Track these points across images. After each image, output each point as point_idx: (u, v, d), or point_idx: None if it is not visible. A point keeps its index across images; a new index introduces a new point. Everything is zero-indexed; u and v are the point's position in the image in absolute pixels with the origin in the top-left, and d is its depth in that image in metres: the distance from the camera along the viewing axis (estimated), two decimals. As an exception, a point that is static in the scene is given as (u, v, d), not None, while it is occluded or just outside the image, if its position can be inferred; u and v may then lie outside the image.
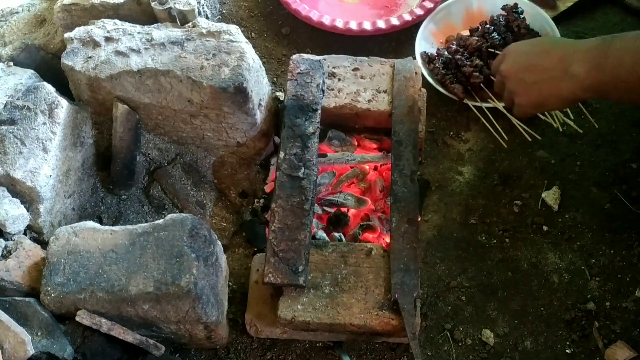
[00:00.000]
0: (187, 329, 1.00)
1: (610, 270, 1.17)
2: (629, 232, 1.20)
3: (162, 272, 0.93)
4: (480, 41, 1.32)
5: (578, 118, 1.29)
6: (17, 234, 1.03)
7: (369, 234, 1.19)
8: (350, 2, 1.57)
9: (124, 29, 1.17)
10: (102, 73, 1.12)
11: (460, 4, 1.45)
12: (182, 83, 1.11)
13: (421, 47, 1.40)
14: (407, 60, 1.24)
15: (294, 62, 1.23)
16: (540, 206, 1.24)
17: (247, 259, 1.21)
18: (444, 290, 1.17)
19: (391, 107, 1.19)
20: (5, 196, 1.02)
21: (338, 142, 1.26)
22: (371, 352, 1.12)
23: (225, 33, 1.15)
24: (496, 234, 1.22)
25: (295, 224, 1.06)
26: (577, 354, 1.10)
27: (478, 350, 1.12)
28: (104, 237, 0.98)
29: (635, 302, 1.13)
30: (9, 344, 0.89)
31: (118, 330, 0.96)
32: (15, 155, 1.04)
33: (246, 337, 1.13)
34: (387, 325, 1.00)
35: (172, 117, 1.19)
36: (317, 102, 1.18)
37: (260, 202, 1.27)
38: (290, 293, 1.02)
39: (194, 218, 1.00)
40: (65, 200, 1.13)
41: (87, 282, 0.93)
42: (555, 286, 1.16)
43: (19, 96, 1.10)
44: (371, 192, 1.26)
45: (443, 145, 1.32)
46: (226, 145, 1.25)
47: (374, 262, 1.05)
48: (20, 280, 0.97)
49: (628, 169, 1.26)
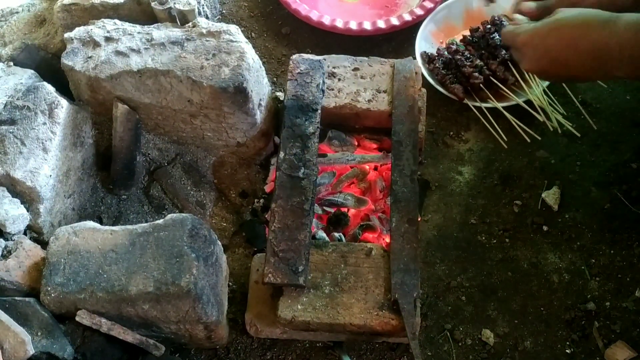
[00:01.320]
0: (187, 329, 1.00)
1: (610, 270, 1.17)
2: (629, 232, 1.20)
3: (162, 272, 0.93)
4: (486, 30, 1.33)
5: (577, 119, 1.29)
6: (17, 234, 1.03)
7: (369, 234, 1.19)
8: (350, 2, 1.57)
9: (124, 29, 1.17)
10: (102, 73, 1.12)
11: (460, 4, 1.45)
12: (182, 83, 1.12)
13: (421, 47, 1.40)
14: (407, 60, 1.24)
15: (294, 62, 1.23)
16: (540, 206, 1.24)
17: (247, 259, 1.21)
18: (444, 290, 1.17)
19: (391, 107, 1.19)
20: (5, 196, 1.02)
21: (338, 142, 1.26)
22: (371, 352, 1.12)
23: (225, 33, 1.15)
24: (496, 234, 1.22)
25: (295, 224, 1.06)
26: (577, 354, 1.10)
27: (478, 350, 1.12)
28: (104, 237, 0.98)
29: (635, 302, 1.13)
30: (9, 344, 0.89)
31: (118, 330, 0.96)
32: (15, 155, 1.04)
33: (246, 337, 1.13)
34: (387, 325, 1.00)
35: (172, 117, 1.19)
36: (317, 102, 1.18)
37: (260, 202, 1.27)
38: (290, 293, 1.02)
39: (194, 218, 1.00)
40: (65, 200, 1.13)
41: (87, 282, 0.93)
42: (555, 286, 1.16)
43: (19, 96, 1.10)
44: (371, 192, 1.26)
45: (443, 145, 1.32)
46: (226, 145, 1.25)
47: (374, 262, 1.05)
48: (20, 280, 0.97)
49: (628, 169, 1.26)
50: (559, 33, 0.91)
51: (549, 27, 0.92)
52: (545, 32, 0.93)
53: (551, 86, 1.29)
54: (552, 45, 0.92)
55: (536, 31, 0.94)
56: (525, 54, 0.95)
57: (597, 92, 1.36)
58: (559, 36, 0.91)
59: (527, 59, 0.95)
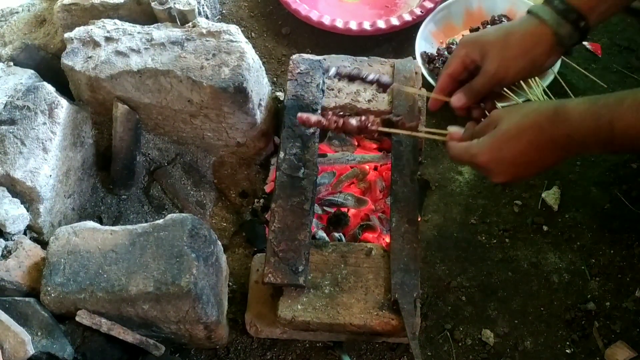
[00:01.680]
0: (187, 329, 1.00)
1: (610, 270, 1.17)
2: (629, 232, 1.20)
3: (162, 272, 0.93)
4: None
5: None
6: (17, 234, 1.03)
7: (369, 234, 1.19)
8: (350, 2, 1.57)
9: (124, 29, 1.17)
10: (102, 73, 1.12)
11: (460, 4, 1.45)
12: (182, 83, 1.12)
13: (421, 47, 1.40)
14: (407, 60, 1.24)
15: (294, 62, 1.23)
16: (540, 206, 1.24)
17: (247, 259, 1.21)
18: (444, 290, 1.17)
19: (391, 107, 1.19)
20: (5, 196, 1.02)
21: (338, 142, 1.26)
22: (371, 352, 1.12)
23: (225, 33, 1.15)
24: (496, 234, 1.22)
25: (295, 224, 1.06)
26: (577, 354, 1.10)
27: (478, 350, 1.12)
28: (104, 237, 0.98)
29: (635, 302, 1.13)
30: (9, 344, 0.89)
31: (118, 330, 0.96)
32: (15, 155, 1.04)
33: (246, 337, 1.13)
34: (387, 325, 1.00)
35: (172, 117, 1.19)
36: (317, 102, 1.18)
37: (260, 202, 1.27)
38: (290, 293, 1.02)
39: (194, 218, 1.00)
40: (65, 200, 1.13)
41: (87, 282, 0.93)
42: (555, 286, 1.16)
43: (19, 96, 1.10)
44: (371, 192, 1.26)
45: (443, 145, 1.32)
46: (226, 145, 1.25)
47: (374, 262, 1.05)
48: (20, 280, 0.97)
49: (628, 169, 1.26)
50: (515, 141, 0.88)
51: (502, 140, 0.90)
52: (500, 145, 0.90)
53: (551, 86, 1.29)
54: (514, 154, 0.89)
55: (492, 147, 0.91)
56: (490, 170, 0.93)
57: (597, 92, 1.34)
58: (516, 144, 0.89)
59: (495, 173, 0.93)
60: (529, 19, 0.97)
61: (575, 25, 0.94)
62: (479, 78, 0.99)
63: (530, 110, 0.91)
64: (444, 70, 1.03)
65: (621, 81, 1.38)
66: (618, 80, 1.38)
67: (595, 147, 0.87)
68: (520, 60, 0.96)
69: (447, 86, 1.02)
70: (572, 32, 0.94)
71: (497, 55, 0.97)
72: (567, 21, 0.94)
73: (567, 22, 0.94)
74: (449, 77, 1.02)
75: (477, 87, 0.99)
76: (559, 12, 0.94)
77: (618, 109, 0.82)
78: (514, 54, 0.96)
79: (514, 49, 0.96)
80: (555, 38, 0.95)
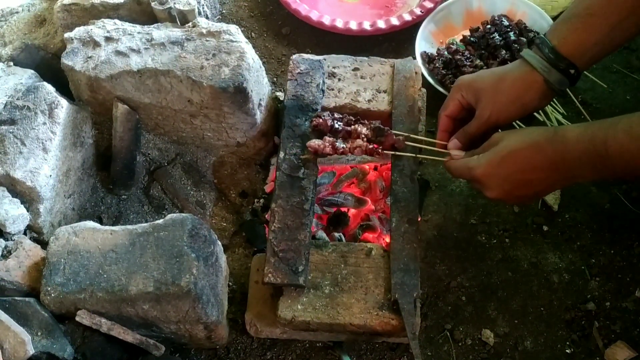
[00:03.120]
0: (187, 329, 1.00)
1: (610, 270, 1.17)
2: (629, 232, 1.20)
3: (162, 272, 0.93)
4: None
5: (577, 119, 1.29)
6: (17, 234, 1.03)
7: (369, 234, 1.19)
8: (350, 2, 1.57)
9: (124, 29, 1.17)
10: (102, 73, 1.12)
11: (460, 4, 1.45)
12: (182, 83, 1.12)
13: (421, 47, 1.40)
14: (407, 60, 1.24)
15: (294, 62, 1.23)
16: (540, 206, 1.24)
17: (247, 259, 1.21)
18: (444, 290, 1.17)
19: (391, 107, 1.19)
20: (5, 196, 1.02)
21: (338, 142, 1.26)
22: (371, 352, 1.12)
23: (225, 33, 1.15)
24: (496, 234, 1.22)
25: (295, 224, 1.06)
26: (577, 354, 1.10)
27: (478, 350, 1.12)
28: (104, 237, 0.98)
29: (635, 302, 1.13)
30: (9, 344, 0.89)
31: (118, 330, 0.96)
32: (15, 155, 1.04)
33: (246, 337, 1.13)
34: (387, 325, 1.00)
35: (172, 117, 1.19)
36: (317, 102, 1.18)
37: (260, 202, 1.27)
38: (290, 293, 1.02)
39: (194, 218, 1.00)
40: (65, 200, 1.13)
41: (87, 282, 0.93)
42: (555, 286, 1.16)
43: (19, 96, 1.10)
44: (371, 192, 1.26)
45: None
46: (226, 145, 1.25)
47: (374, 262, 1.05)
48: (20, 280, 0.97)
49: (628, 169, 1.26)
50: (513, 158, 0.93)
51: (501, 156, 0.93)
52: (499, 161, 0.94)
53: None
54: (511, 170, 0.93)
55: (490, 162, 0.94)
56: (486, 184, 0.96)
57: (597, 92, 1.36)
58: (514, 161, 0.93)
59: (490, 188, 0.96)
60: (521, 65, 1.00)
61: (566, 73, 0.97)
62: (474, 122, 1.03)
63: (531, 130, 0.95)
64: (443, 112, 1.08)
65: (621, 81, 1.38)
66: (618, 80, 1.38)
67: (590, 169, 0.88)
68: (511, 105, 1.00)
69: (447, 127, 1.08)
70: (562, 79, 0.98)
71: (490, 101, 1.01)
72: (558, 70, 0.97)
73: (557, 71, 0.97)
74: (448, 119, 1.08)
75: (471, 132, 1.04)
76: (549, 60, 0.97)
77: (612, 130, 0.85)
78: (506, 100, 1.00)
79: (506, 95, 1.00)
80: (546, 85, 0.98)
